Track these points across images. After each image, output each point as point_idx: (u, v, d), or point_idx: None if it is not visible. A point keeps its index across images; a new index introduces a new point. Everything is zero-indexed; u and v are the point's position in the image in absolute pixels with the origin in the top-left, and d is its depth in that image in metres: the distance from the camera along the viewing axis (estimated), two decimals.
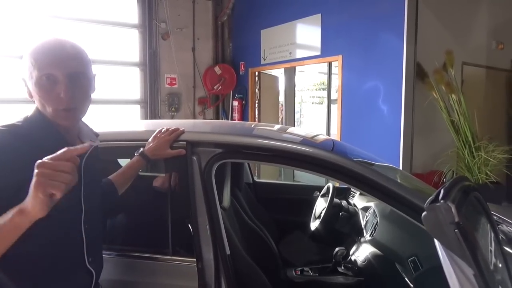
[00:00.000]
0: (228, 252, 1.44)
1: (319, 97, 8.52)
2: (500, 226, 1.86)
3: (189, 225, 1.43)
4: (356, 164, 1.43)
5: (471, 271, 0.78)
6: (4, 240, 0.83)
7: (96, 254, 1.16)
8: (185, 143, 1.48)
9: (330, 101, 6.00)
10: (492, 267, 1.00)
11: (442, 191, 0.91)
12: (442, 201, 0.86)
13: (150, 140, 1.48)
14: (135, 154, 1.45)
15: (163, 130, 1.50)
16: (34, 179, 0.77)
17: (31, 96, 1.03)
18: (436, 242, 0.89)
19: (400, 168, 3.56)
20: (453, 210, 0.83)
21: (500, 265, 1.07)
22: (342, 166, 1.41)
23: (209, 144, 1.50)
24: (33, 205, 0.78)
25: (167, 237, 1.48)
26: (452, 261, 0.82)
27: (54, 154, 0.80)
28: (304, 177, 4.66)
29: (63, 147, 0.82)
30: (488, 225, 1.14)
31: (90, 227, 1.10)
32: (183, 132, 1.51)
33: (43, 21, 4.57)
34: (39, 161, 0.78)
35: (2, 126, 0.97)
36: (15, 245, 0.84)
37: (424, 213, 0.90)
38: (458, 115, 3.83)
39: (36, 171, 0.77)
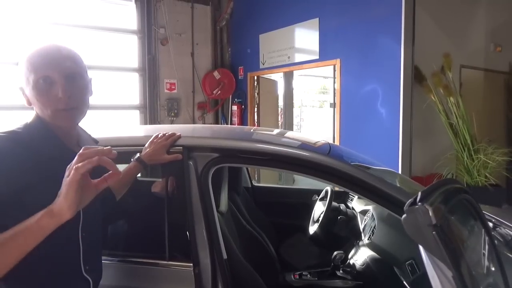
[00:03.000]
0: (225, 256, 1.44)
1: (318, 101, 8.55)
2: (498, 228, 1.86)
3: (186, 230, 1.44)
4: (352, 168, 1.43)
5: (450, 273, 0.79)
6: (28, 242, 0.83)
7: (93, 262, 1.14)
8: (181, 148, 1.49)
9: (335, 105, 5.97)
10: (485, 271, 1.00)
11: (420, 193, 0.91)
12: (419, 203, 0.86)
13: (146, 145, 1.48)
14: (132, 159, 1.45)
15: (159, 135, 1.51)
16: (67, 178, 0.81)
17: (29, 103, 1.03)
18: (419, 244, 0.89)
19: (400, 171, 3.56)
20: (430, 212, 0.84)
21: (493, 268, 1.07)
22: (339, 169, 1.41)
23: (205, 149, 1.50)
24: (63, 203, 0.81)
25: (164, 242, 1.48)
26: (434, 263, 0.82)
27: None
28: (305, 181, 4.65)
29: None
30: (482, 228, 1.14)
31: (88, 234, 1.09)
32: (179, 137, 1.52)
33: (43, 27, 4.59)
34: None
35: (2, 132, 0.97)
36: None
37: (404, 215, 0.90)
38: (457, 118, 3.84)
39: (68, 172, 0.81)
